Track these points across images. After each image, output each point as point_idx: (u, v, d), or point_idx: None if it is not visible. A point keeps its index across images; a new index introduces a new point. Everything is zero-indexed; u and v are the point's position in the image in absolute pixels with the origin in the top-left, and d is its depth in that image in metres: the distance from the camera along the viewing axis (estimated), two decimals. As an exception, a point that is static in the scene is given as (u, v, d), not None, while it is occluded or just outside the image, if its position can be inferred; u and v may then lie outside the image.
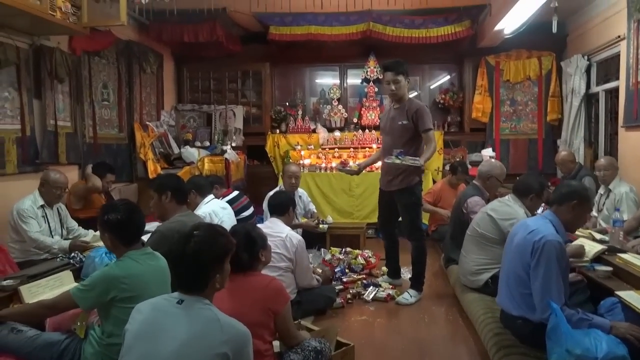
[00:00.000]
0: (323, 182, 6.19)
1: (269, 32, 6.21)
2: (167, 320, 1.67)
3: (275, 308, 2.21)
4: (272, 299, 2.23)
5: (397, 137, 3.80)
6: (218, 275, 1.73)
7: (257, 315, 2.14)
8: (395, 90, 3.75)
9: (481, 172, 4.08)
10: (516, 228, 2.65)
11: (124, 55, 5.55)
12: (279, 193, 4.02)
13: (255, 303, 2.17)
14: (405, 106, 3.77)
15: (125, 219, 2.24)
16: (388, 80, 3.76)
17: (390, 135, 3.88)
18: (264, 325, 2.17)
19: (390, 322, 3.49)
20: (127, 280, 2.14)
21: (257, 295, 2.21)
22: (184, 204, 3.13)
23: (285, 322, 2.26)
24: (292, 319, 2.37)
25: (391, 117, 3.88)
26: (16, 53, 3.90)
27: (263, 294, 2.22)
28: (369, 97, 6.92)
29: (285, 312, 2.26)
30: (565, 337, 2.06)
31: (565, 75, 6.26)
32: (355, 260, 4.65)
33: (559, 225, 2.46)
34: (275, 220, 3.43)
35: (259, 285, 2.26)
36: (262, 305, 2.18)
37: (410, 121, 3.70)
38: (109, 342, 2.15)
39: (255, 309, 2.15)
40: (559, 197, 2.52)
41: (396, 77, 3.72)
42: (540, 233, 2.37)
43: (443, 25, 6.07)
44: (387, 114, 3.98)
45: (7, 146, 3.87)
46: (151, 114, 6.26)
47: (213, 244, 1.72)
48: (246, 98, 7.21)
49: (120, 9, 4.07)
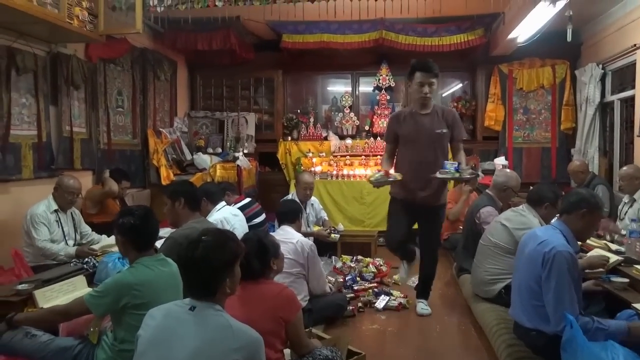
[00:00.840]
0: (334, 189, 6.18)
1: (281, 40, 6.25)
2: (179, 326, 1.67)
3: (286, 316, 2.20)
4: (284, 307, 2.22)
5: (432, 146, 3.42)
6: (228, 280, 1.73)
7: (269, 323, 2.14)
8: (429, 93, 3.37)
9: (497, 182, 4.05)
10: (526, 239, 2.62)
11: (138, 63, 5.62)
12: (287, 201, 4.03)
13: (266, 311, 2.16)
14: (437, 112, 3.44)
15: (139, 225, 2.26)
16: (426, 82, 3.34)
17: (419, 144, 3.43)
18: (275, 334, 2.17)
19: (402, 331, 3.46)
20: (140, 287, 2.15)
21: (268, 303, 2.20)
22: (197, 210, 3.14)
23: (296, 330, 2.25)
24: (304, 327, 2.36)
25: (420, 123, 3.43)
26: (34, 60, 3.97)
27: (274, 303, 2.21)
28: (380, 104, 6.92)
29: (297, 320, 2.25)
30: (582, 350, 2.02)
31: (580, 84, 6.20)
32: (367, 269, 4.63)
33: (569, 235, 2.43)
34: (285, 228, 3.44)
35: (270, 294, 2.26)
36: (273, 314, 2.17)
37: (449, 129, 3.42)
38: (121, 348, 2.15)
39: (267, 317, 2.14)
40: (567, 206, 2.49)
41: (435, 80, 3.37)
42: (551, 244, 2.34)
43: (456, 33, 6.07)
44: (409, 120, 3.47)
45: (23, 152, 3.93)
46: (164, 120, 6.32)
47: (221, 248, 1.73)
48: (258, 105, 7.24)
49: (136, 17, 4.13)
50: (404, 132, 3.53)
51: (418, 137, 3.46)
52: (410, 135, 3.49)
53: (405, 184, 3.49)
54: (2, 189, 3.79)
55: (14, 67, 3.78)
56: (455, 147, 3.52)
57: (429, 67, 3.35)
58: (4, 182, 3.79)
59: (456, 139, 3.50)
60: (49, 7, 3.49)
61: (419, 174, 3.43)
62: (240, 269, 1.83)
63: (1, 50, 3.68)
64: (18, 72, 3.82)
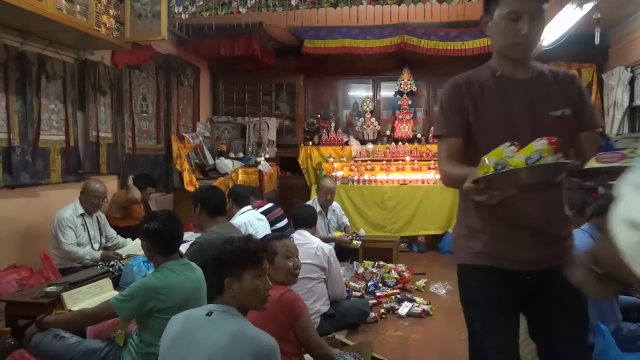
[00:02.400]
0: (356, 194, 6.16)
1: (303, 46, 6.28)
2: (197, 331, 1.68)
3: (290, 320, 2.17)
4: (286, 311, 2.19)
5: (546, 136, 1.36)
6: (232, 281, 1.74)
7: (272, 328, 2.07)
8: (533, 36, 1.55)
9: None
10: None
11: (162, 69, 5.71)
12: (303, 206, 4.03)
13: (268, 316, 2.10)
14: (546, 76, 1.65)
15: (164, 229, 2.28)
16: (524, 12, 1.51)
17: (519, 137, 1.38)
18: (282, 339, 2.10)
19: (425, 338, 3.41)
20: (165, 291, 2.17)
21: (270, 308, 2.16)
22: (222, 215, 3.16)
23: (304, 333, 2.22)
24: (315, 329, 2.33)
25: (517, 98, 1.59)
26: (63, 67, 4.06)
27: (275, 307, 2.15)
28: (402, 109, 6.89)
29: (303, 322, 2.21)
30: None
31: (607, 88, 6.07)
32: (389, 275, 4.59)
33: None
34: (303, 232, 3.45)
35: (270, 299, 2.22)
36: (276, 319, 2.15)
37: (573, 109, 1.61)
38: (147, 351, 2.17)
39: (269, 322, 2.08)
40: (597, 209, 2.44)
41: (544, 6, 1.54)
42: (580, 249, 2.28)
43: (479, 37, 6.01)
44: (493, 90, 1.61)
45: (52, 156, 4.02)
46: (187, 125, 6.40)
47: (230, 245, 1.78)
48: (279, 110, 7.28)
49: (162, 24, 4.19)
50: (485, 115, 1.63)
51: (516, 122, 1.59)
52: (499, 119, 1.61)
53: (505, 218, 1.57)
54: (32, 193, 3.88)
55: (43, 74, 3.87)
56: (586, 139, 1.65)
57: None
58: (34, 186, 3.87)
59: (587, 126, 1.67)
60: (78, 16, 3.57)
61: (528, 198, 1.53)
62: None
63: (32, 58, 3.77)
64: (48, 78, 3.92)
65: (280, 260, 2.42)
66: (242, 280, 1.75)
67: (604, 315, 2.17)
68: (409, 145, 6.65)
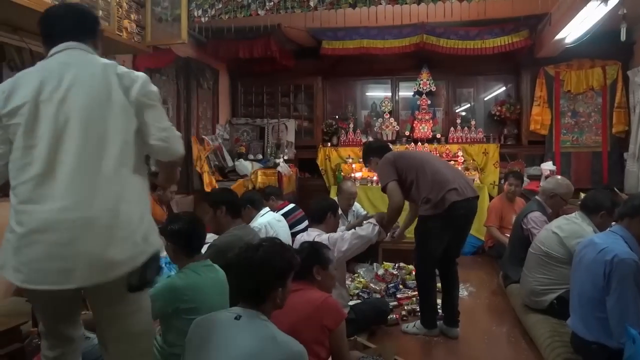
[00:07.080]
0: (375, 195, 6.12)
1: (321, 47, 6.28)
2: (225, 335, 1.68)
3: (330, 325, 2.17)
4: (328, 315, 2.19)
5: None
6: (280, 290, 1.73)
7: (312, 332, 2.11)
8: None
9: (545, 188, 3.92)
10: (583, 247, 2.50)
11: (182, 72, 5.76)
12: (314, 202, 3.56)
13: (309, 319, 2.13)
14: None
15: (187, 230, 2.30)
16: None
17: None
18: (319, 342, 2.14)
19: (448, 341, 3.36)
20: (189, 292, 2.18)
21: (312, 311, 2.17)
22: (239, 217, 3.17)
23: (338, 340, 2.21)
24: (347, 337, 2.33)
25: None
26: (86, 71, 4.12)
27: (318, 310, 2.18)
28: (421, 109, 6.83)
29: (340, 330, 2.21)
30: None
31: (633, 85, 5.93)
32: (410, 276, 4.55)
33: (631, 241, 2.30)
34: (310, 232, 3.23)
35: (314, 302, 2.23)
36: (317, 323, 2.15)
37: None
38: (171, 352, 2.19)
39: (310, 325, 2.12)
40: (630, 210, 2.36)
41: None
42: (613, 251, 2.22)
43: (499, 35, 5.94)
44: None
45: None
46: (207, 127, 6.44)
47: (280, 255, 1.75)
48: (298, 112, 7.29)
49: (182, 28, 4.22)
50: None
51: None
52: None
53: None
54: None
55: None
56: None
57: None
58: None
59: None
60: (100, 21, 3.61)
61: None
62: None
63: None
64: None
65: (332, 269, 2.48)
66: (286, 286, 1.79)
67: (626, 316, 2.11)
68: (428, 145, 6.59)
